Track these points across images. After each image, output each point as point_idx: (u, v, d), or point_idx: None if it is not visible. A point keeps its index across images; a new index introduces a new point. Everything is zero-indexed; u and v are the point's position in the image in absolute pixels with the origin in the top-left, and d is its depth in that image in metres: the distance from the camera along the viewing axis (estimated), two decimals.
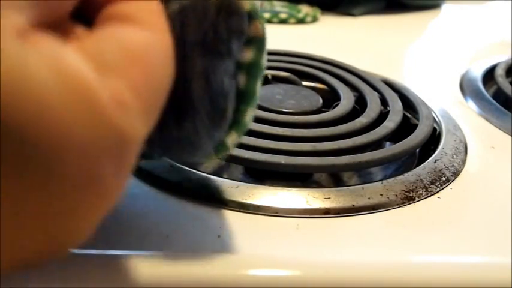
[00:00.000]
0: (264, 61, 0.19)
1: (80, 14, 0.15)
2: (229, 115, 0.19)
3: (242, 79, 0.19)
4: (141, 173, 0.26)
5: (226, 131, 0.19)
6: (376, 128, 0.31)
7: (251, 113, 0.20)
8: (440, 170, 0.28)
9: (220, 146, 0.20)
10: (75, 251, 0.21)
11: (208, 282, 0.21)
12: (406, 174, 0.28)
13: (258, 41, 0.19)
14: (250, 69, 0.19)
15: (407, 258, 0.22)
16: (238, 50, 0.18)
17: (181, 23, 0.17)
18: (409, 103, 0.36)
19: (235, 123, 0.19)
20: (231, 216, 0.24)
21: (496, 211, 0.26)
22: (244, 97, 0.19)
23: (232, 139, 0.20)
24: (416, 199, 0.26)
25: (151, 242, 0.22)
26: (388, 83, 0.39)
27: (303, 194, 0.25)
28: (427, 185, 0.27)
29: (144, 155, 0.17)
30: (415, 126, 0.32)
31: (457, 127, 0.34)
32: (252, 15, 0.18)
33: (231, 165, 0.33)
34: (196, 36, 0.17)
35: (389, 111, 0.34)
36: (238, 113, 0.19)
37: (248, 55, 0.18)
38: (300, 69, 0.41)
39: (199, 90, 0.18)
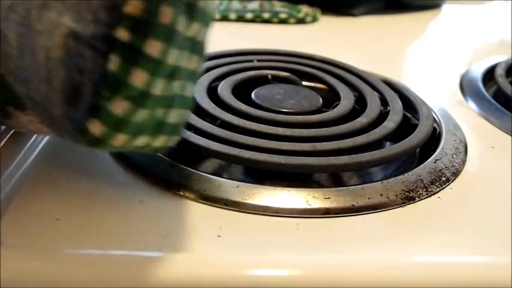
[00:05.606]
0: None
1: None
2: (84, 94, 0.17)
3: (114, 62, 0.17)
4: (141, 173, 0.26)
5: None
6: (376, 128, 0.31)
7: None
8: (440, 170, 0.28)
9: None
10: (75, 251, 0.21)
11: (208, 282, 0.21)
12: (406, 174, 0.28)
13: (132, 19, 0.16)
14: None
15: (407, 258, 0.22)
16: None
17: None
18: (409, 103, 0.36)
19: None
20: (231, 216, 0.24)
21: (496, 211, 0.26)
22: (112, 83, 0.17)
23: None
24: (416, 199, 0.26)
25: (151, 242, 0.22)
26: (388, 83, 0.39)
27: (303, 194, 0.25)
28: (427, 185, 0.27)
29: None
30: (415, 126, 0.32)
31: (457, 127, 0.34)
32: None
33: (231, 165, 0.33)
34: None
35: (389, 111, 0.34)
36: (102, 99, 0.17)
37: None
38: (300, 69, 0.41)
39: None
